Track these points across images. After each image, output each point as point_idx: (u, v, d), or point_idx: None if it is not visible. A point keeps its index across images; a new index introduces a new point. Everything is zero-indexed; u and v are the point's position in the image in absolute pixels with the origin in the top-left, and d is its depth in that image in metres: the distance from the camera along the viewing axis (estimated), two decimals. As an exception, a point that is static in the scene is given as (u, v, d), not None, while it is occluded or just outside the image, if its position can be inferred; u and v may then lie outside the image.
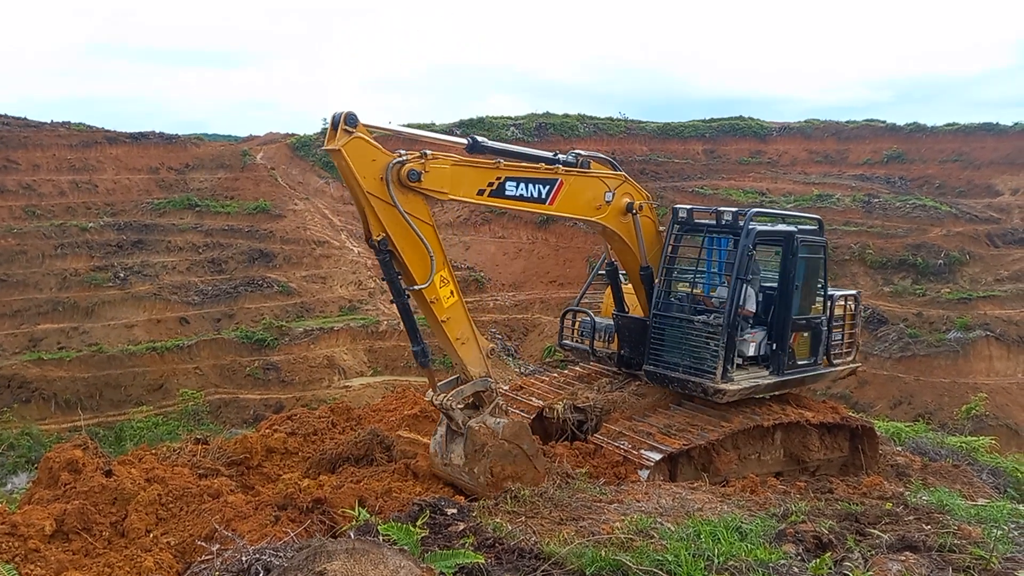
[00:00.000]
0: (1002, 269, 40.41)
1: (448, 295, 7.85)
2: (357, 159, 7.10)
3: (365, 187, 7.15)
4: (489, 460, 7.83)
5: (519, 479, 7.76)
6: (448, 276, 7.85)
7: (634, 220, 9.48)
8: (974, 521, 5.96)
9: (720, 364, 8.89)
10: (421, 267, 7.58)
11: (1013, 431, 31.08)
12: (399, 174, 7.26)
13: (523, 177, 8.44)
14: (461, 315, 8.03)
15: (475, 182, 8.04)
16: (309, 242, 45.39)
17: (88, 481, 7.50)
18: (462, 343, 8.04)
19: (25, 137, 45.56)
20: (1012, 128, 50.75)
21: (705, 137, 57.43)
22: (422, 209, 7.58)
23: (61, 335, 37.20)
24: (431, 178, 7.53)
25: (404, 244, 7.46)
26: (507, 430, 7.97)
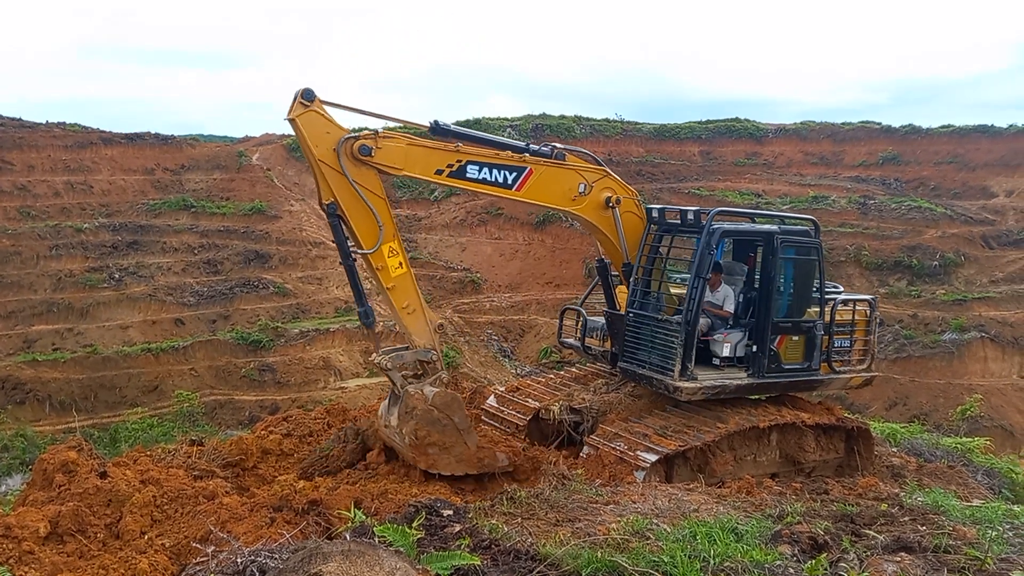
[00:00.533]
0: (997, 271, 40.55)
1: (396, 265, 8.40)
2: (310, 130, 7.90)
3: (317, 155, 7.92)
4: (415, 423, 8.18)
5: (445, 449, 8.24)
6: (397, 248, 8.44)
7: (614, 214, 9.54)
8: (969, 522, 5.97)
9: (678, 362, 8.90)
10: (369, 234, 8.21)
11: (1008, 432, 31.16)
12: (351, 148, 7.99)
13: (486, 162, 8.78)
14: (409, 286, 8.58)
15: (431, 162, 8.55)
16: (305, 243, 45.33)
17: (83, 483, 7.49)
18: (408, 312, 8.55)
19: (20, 138, 45.41)
20: (1007, 130, 50.91)
21: (701, 139, 57.51)
22: (374, 182, 8.22)
23: (56, 336, 37.06)
24: (383, 154, 8.19)
25: (352, 211, 8.12)
26: (438, 398, 8.33)
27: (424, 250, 48.63)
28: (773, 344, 9.50)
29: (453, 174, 8.62)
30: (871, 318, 10.45)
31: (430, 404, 8.28)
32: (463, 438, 8.37)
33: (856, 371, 10.37)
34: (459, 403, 8.56)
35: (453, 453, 8.28)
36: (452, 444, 8.27)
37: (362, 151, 8.02)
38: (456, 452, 8.30)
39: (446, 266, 46.65)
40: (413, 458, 8.27)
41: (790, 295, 9.72)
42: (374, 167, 8.17)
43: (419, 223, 50.49)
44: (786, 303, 9.68)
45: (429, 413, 8.24)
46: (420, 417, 8.23)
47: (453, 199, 51.35)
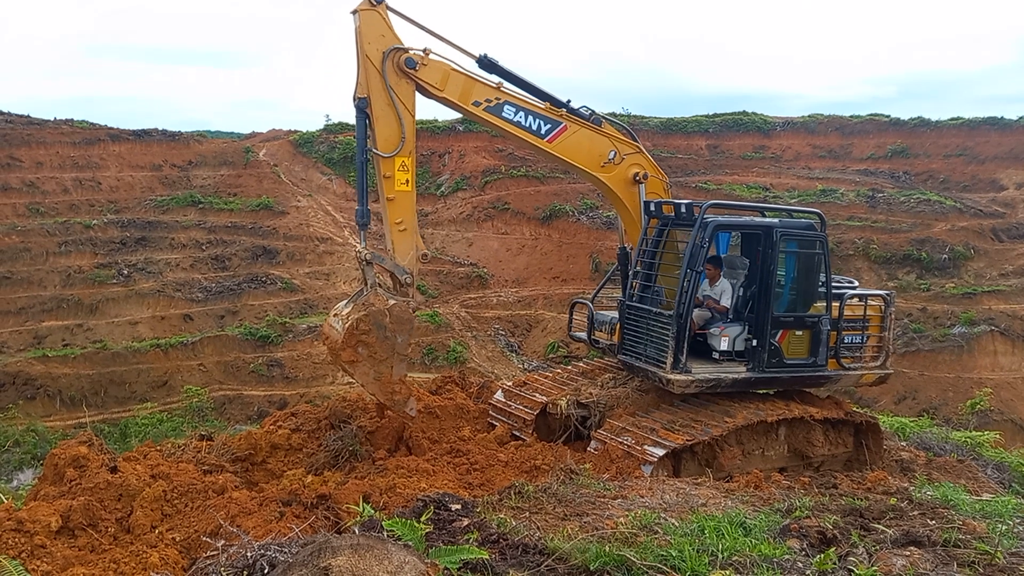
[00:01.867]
0: (1007, 264, 40.26)
1: (403, 181, 8.51)
2: (367, 27, 8.13)
3: (365, 50, 8.12)
4: (363, 315, 8.21)
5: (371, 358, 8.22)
6: (409, 165, 8.54)
7: (639, 190, 9.57)
8: (979, 516, 5.95)
9: (670, 354, 8.89)
10: (389, 141, 8.37)
11: (1018, 426, 31.00)
12: (398, 58, 8.22)
13: (523, 107, 8.94)
14: (408, 204, 8.69)
15: (471, 92, 8.74)
16: (312, 239, 45.42)
17: (93, 477, 7.54)
18: (399, 229, 8.64)
19: (28, 135, 45.62)
20: (1017, 123, 50.48)
21: (708, 132, 57.22)
22: (409, 97, 8.44)
23: (65, 332, 37.28)
24: (426, 71, 8.40)
25: (381, 114, 8.31)
26: (397, 308, 8.36)
27: (431, 245, 48.59)
28: (774, 339, 9.42)
29: (489, 109, 8.79)
30: (886, 314, 10.23)
31: (387, 308, 8.28)
32: (393, 361, 8.35)
33: (868, 368, 10.20)
34: (411, 327, 8.61)
35: (375, 368, 8.26)
36: (381, 359, 8.26)
37: (408, 63, 8.23)
38: (378, 369, 8.28)
39: (453, 261, 46.67)
40: (341, 345, 8.19)
41: (792, 289, 9.65)
42: (415, 81, 8.37)
43: (426, 218, 50.49)
44: (788, 297, 9.62)
45: (381, 315, 8.23)
46: (371, 313, 8.22)
47: (459, 194, 51.33)
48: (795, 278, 9.62)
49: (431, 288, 45.18)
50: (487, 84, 8.79)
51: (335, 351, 8.49)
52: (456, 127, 52.94)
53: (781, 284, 9.52)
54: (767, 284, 9.39)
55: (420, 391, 11.56)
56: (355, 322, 8.17)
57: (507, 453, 9.32)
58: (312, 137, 56.42)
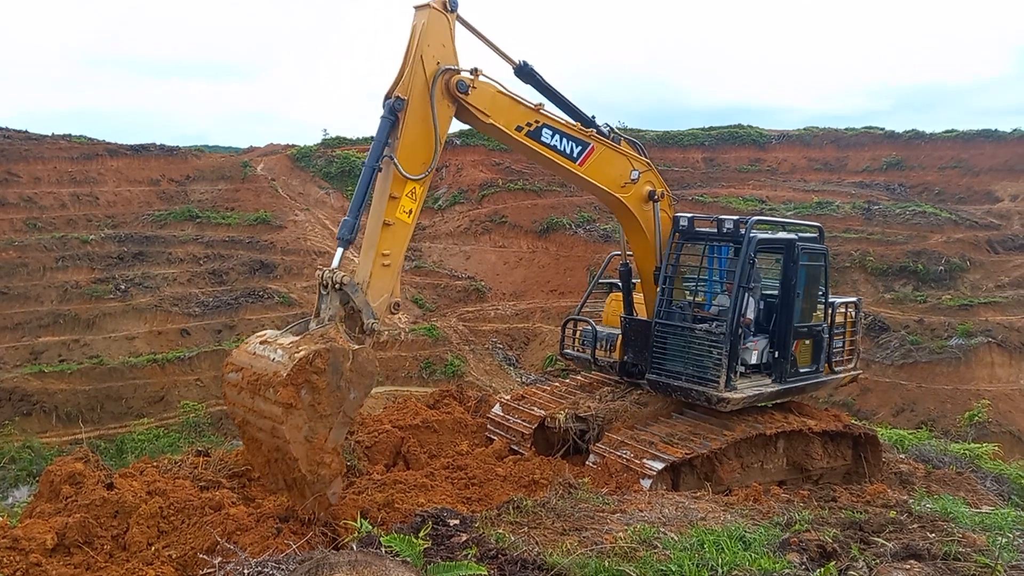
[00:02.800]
0: (1003, 275, 40.38)
1: (407, 210, 7.51)
2: (432, 30, 7.39)
3: (422, 51, 7.33)
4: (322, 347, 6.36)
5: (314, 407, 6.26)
6: (419, 195, 7.59)
7: (654, 209, 9.53)
8: (979, 529, 5.94)
9: (724, 373, 8.87)
10: (415, 159, 7.44)
11: (1016, 438, 30.96)
12: (450, 80, 7.53)
13: (559, 129, 8.58)
14: (403, 237, 7.55)
15: (514, 116, 8.22)
16: (310, 253, 45.45)
17: (89, 494, 7.49)
18: (384, 263, 7.35)
19: (26, 150, 45.70)
20: (1011, 135, 50.78)
21: (704, 145, 57.52)
22: (446, 122, 7.72)
23: (62, 348, 37.18)
24: (476, 95, 7.76)
25: (414, 125, 7.40)
26: (362, 354, 6.61)
27: (428, 258, 48.69)
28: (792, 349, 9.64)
29: (530, 134, 8.34)
30: (857, 319, 10.88)
31: (352, 350, 6.56)
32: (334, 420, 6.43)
33: (847, 370, 10.74)
34: (370, 384, 6.79)
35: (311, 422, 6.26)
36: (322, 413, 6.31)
37: (459, 87, 7.56)
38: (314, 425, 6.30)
39: (450, 274, 46.70)
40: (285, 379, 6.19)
41: (805, 301, 9.83)
42: (464, 106, 7.72)
43: (423, 231, 50.56)
44: (801, 308, 9.78)
45: (343, 357, 6.44)
46: (333, 351, 6.39)
47: (457, 207, 51.46)
48: (806, 289, 9.81)
49: (428, 301, 45.15)
50: (528, 107, 8.28)
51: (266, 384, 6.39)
52: (453, 140, 53.10)
53: (799, 296, 9.68)
54: (789, 297, 9.56)
55: (418, 405, 11.54)
56: (311, 355, 6.26)
57: (505, 467, 9.29)
58: (310, 151, 56.60)
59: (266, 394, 6.41)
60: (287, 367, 6.24)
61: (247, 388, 6.64)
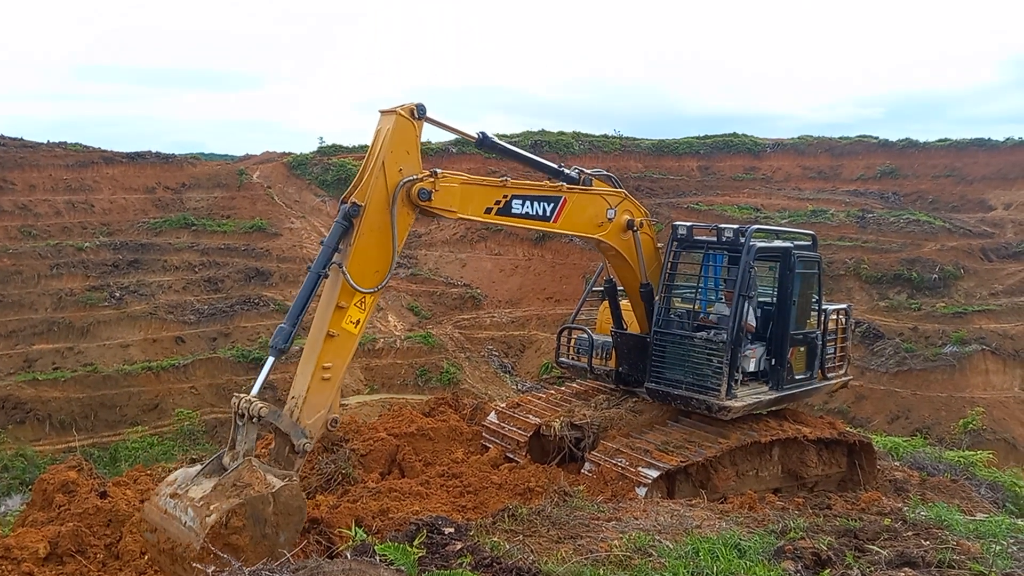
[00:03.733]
0: (996, 283, 40.56)
1: (354, 321, 7.03)
2: (398, 137, 7.15)
3: (384, 160, 7.07)
4: (236, 504, 5.79)
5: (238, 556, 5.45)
6: (368, 305, 7.14)
7: (634, 237, 9.52)
8: (973, 536, 5.95)
9: (724, 381, 8.88)
10: (369, 269, 7.06)
11: (1011, 445, 31.03)
12: (410, 191, 7.26)
13: (529, 195, 8.47)
14: (347, 350, 7.02)
15: (483, 200, 8.06)
16: (305, 260, 45.36)
17: (82, 503, 7.46)
18: (324, 376, 6.79)
19: (21, 158, 45.62)
20: (1004, 143, 51.15)
21: (699, 154, 57.74)
22: (406, 230, 7.43)
23: (56, 355, 37.02)
24: (441, 197, 7.51)
25: (368, 234, 7.06)
26: (286, 492, 6.07)
27: (424, 266, 48.69)
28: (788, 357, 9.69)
29: (500, 211, 8.18)
30: (847, 325, 11.00)
31: (271, 493, 5.97)
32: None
33: (839, 376, 10.84)
34: (300, 520, 6.29)
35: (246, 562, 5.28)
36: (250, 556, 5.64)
37: (421, 195, 7.27)
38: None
39: (446, 282, 46.71)
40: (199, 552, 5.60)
41: (799, 308, 9.88)
42: (429, 211, 7.53)
43: (419, 239, 50.58)
44: (796, 316, 9.82)
45: (262, 505, 5.88)
46: (249, 502, 5.82)
47: (453, 215, 51.49)
48: (801, 297, 9.86)
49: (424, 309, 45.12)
50: (494, 186, 8.14)
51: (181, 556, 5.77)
52: (449, 149, 53.23)
53: (794, 303, 9.74)
54: (786, 304, 9.61)
55: (414, 413, 11.53)
56: (224, 516, 5.66)
57: (501, 475, 9.28)
58: (306, 159, 56.63)
59: (184, 566, 5.77)
60: (199, 537, 5.64)
61: (164, 553, 6.03)
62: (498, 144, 8.52)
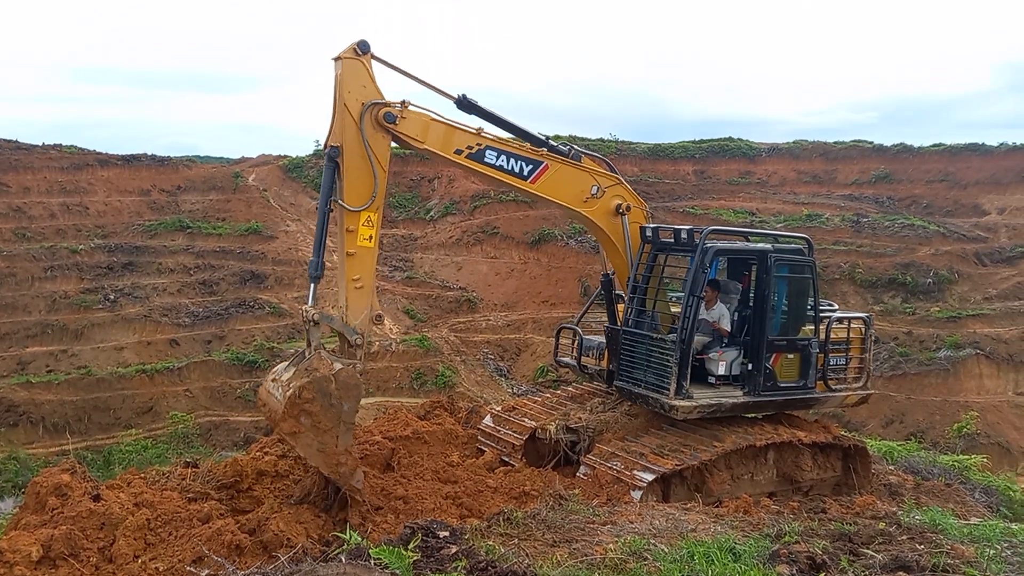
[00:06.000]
0: (990, 287, 40.72)
1: (366, 237, 8.21)
2: (349, 75, 7.92)
3: (344, 100, 7.89)
4: (307, 381, 7.53)
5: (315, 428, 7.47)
6: (375, 221, 8.24)
7: (622, 221, 9.63)
8: (967, 540, 5.97)
9: (673, 380, 8.90)
10: (358, 194, 8.05)
11: (1005, 449, 31.13)
12: (376, 113, 8.01)
13: (505, 150, 8.86)
14: (368, 261, 8.34)
15: (452, 141, 8.63)
16: (301, 263, 45.28)
17: (76, 506, 7.42)
18: (357, 286, 8.27)
19: (16, 160, 45.46)
20: (997, 148, 51.36)
21: (695, 158, 57.86)
22: (385, 152, 8.22)
23: (50, 358, 36.87)
24: (405, 124, 8.23)
25: (353, 167, 8.01)
26: (343, 373, 7.67)
27: (420, 269, 48.66)
28: (768, 362, 9.52)
29: (471, 156, 8.71)
30: (866, 336, 10.54)
31: (332, 374, 7.63)
32: (337, 431, 7.60)
33: (852, 389, 10.43)
34: (358, 394, 7.87)
35: (319, 438, 7.50)
36: (325, 429, 7.51)
37: (387, 118, 8.06)
38: (323, 440, 7.52)
39: (442, 285, 46.67)
40: (282, 415, 7.45)
41: (784, 313, 9.76)
42: (395, 135, 8.22)
43: (415, 242, 50.57)
44: (780, 321, 9.72)
45: (326, 382, 7.55)
46: (315, 380, 7.54)
47: (449, 219, 51.49)
48: (787, 302, 9.76)
49: (420, 312, 45.06)
50: (467, 131, 8.70)
51: (275, 421, 7.78)
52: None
53: (774, 308, 9.63)
54: (762, 308, 9.53)
55: (409, 416, 11.50)
56: (297, 390, 7.47)
57: (496, 479, 9.27)
58: (301, 162, 56.55)
59: (277, 429, 7.99)
60: (282, 409, 7.51)
61: (270, 421, 8.13)
62: (480, 107, 8.80)
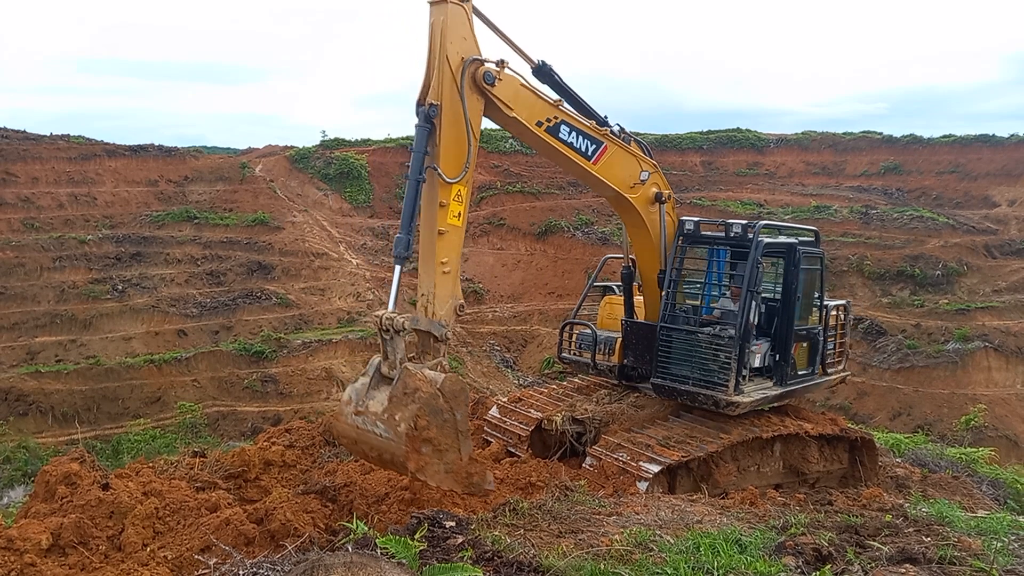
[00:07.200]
0: (1000, 280, 40.48)
1: (456, 214, 7.39)
2: (452, 25, 7.11)
3: (446, 51, 7.07)
4: (417, 407, 6.68)
5: (438, 452, 6.74)
6: (464, 196, 7.44)
7: (660, 211, 9.52)
8: (974, 533, 5.95)
9: (733, 377, 8.87)
10: (454, 162, 7.25)
11: (1012, 442, 31.03)
12: (475, 72, 7.26)
13: (576, 127, 8.46)
14: (457, 242, 7.55)
15: (535, 111, 8.06)
16: (308, 254, 45.43)
17: (85, 495, 7.47)
18: (444, 271, 7.43)
19: (24, 150, 45.65)
20: (1008, 140, 50.99)
21: (703, 149, 57.65)
22: (478, 116, 7.49)
23: (59, 348, 37.12)
24: (502, 87, 7.51)
25: (449, 131, 7.20)
26: (448, 383, 6.91)
27: (426, 261, 48.61)
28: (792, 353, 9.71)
29: (549, 130, 8.20)
30: (846, 321, 11.01)
31: (438, 388, 6.80)
32: (459, 443, 6.91)
33: (838, 371, 10.87)
34: (466, 397, 7.17)
35: (443, 460, 6.81)
36: (447, 447, 6.81)
37: (486, 78, 7.31)
38: (447, 459, 6.83)
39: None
40: (405, 454, 6.65)
41: (803, 304, 9.89)
42: (490, 98, 7.48)
43: (421, 234, 50.51)
44: (799, 312, 9.82)
45: (434, 400, 6.74)
46: (425, 403, 6.68)
47: (455, 210, 51.46)
48: (804, 293, 9.86)
49: (426, 304, 44.96)
50: (548, 102, 8.14)
51: (394, 463, 6.90)
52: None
53: (798, 299, 9.73)
54: (790, 300, 9.60)
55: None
56: (412, 423, 6.64)
57: (502, 470, 9.27)
58: (308, 153, 56.59)
59: (397, 470, 7.07)
60: (401, 446, 6.67)
61: (373, 458, 7.19)
62: (556, 75, 8.32)
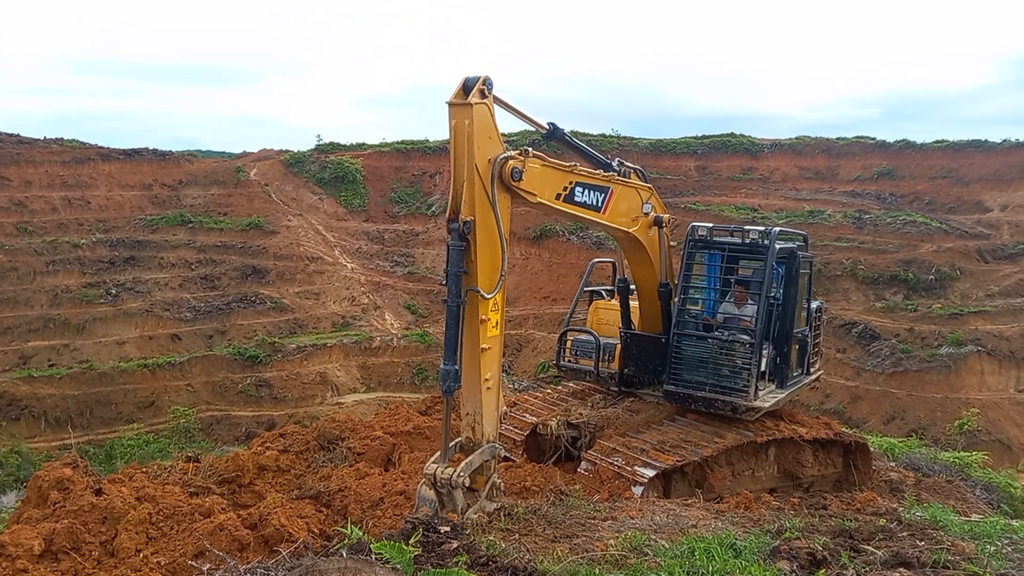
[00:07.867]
0: (992, 284, 40.67)
1: (494, 324, 6.76)
2: (480, 127, 6.40)
3: (475, 159, 6.38)
4: None
5: None
6: (500, 303, 6.81)
7: (659, 234, 9.46)
8: (968, 537, 5.97)
9: (754, 382, 8.89)
10: (491, 273, 6.64)
11: (1005, 446, 31.13)
12: (503, 169, 6.62)
13: (588, 183, 8.13)
14: (498, 355, 6.90)
15: (555, 186, 7.60)
16: (302, 258, 45.36)
17: (78, 500, 7.44)
18: (487, 387, 6.80)
19: (18, 154, 45.50)
20: (1000, 145, 51.28)
21: (697, 153, 57.82)
22: (507, 215, 6.83)
23: (52, 352, 36.96)
24: (528, 178, 6.97)
25: (485, 240, 6.51)
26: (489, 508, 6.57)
27: (422, 264, 48.67)
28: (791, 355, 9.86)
29: (566, 198, 7.75)
30: (821, 322, 11.30)
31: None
32: None
33: (816, 371, 11.16)
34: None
35: None
36: None
37: (514, 175, 6.67)
38: None
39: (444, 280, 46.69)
40: None
41: (797, 307, 9.96)
42: (516, 192, 6.85)
43: (416, 237, 50.56)
44: (794, 315, 9.90)
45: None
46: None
47: (450, 214, 51.50)
48: (798, 297, 9.97)
49: (421, 307, 45.07)
50: (564, 170, 7.63)
51: None
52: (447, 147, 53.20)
53: (795, 303, 9.85)
54: (790, 304, 9.71)
55: (410, 412, 11.52)
56: None
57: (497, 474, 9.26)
58: (303, 157, 56.55)
59: None
60: None
61: None
62: (568, 138, 8.01)
